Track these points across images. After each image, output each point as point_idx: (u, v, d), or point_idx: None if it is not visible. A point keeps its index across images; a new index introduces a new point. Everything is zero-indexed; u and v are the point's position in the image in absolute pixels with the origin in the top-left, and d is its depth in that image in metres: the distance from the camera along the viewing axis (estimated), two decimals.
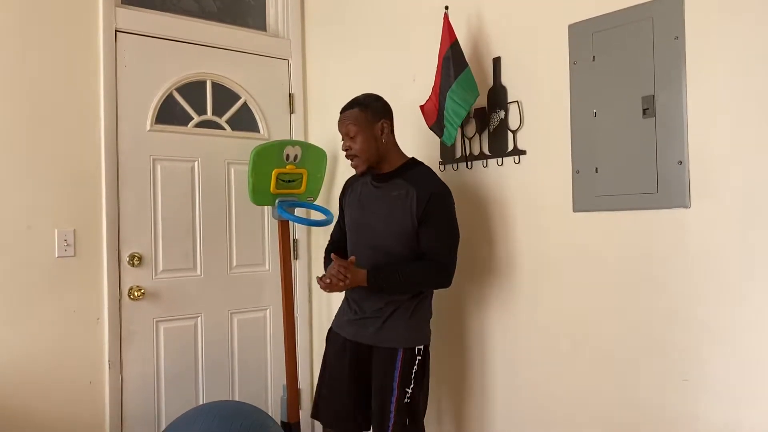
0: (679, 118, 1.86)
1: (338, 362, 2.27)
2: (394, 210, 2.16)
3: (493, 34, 2.39)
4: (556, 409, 2.21)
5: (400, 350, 2.15)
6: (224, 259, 3.05)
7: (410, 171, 2.21)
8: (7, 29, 2.48)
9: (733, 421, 1.77)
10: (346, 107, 2.23)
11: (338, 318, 2.35)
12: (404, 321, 2.17)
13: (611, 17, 2.01)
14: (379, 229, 2.19)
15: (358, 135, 2.17)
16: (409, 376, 2.14)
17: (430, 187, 2.14)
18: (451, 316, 2.55)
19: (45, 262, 2.54)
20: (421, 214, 2.11)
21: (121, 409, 2.72)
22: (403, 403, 2.13)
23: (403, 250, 2.15)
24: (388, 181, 2.21)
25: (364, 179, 2.31)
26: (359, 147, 2.18)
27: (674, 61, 1.87)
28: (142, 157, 2.81)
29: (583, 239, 2.12)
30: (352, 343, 2.24)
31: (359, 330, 2.22)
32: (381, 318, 2.17)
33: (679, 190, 1.86)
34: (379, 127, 2.19)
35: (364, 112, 2.19)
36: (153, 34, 2.85)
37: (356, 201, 2.30)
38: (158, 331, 2.84)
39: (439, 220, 2.13)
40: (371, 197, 2.25)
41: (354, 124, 2.18)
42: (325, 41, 3.23)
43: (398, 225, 2.14)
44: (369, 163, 2.20)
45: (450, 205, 2.18)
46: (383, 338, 2.17)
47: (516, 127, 2.31)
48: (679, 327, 1.88)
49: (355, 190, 2.34)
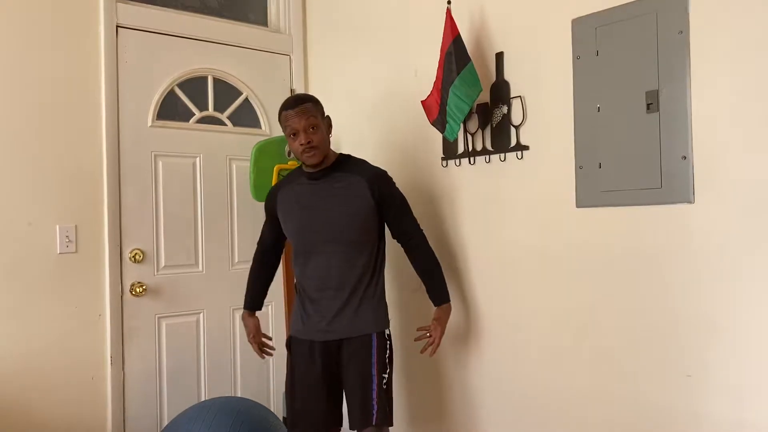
0: (683, 113, 1.85)
1: (309, 369, 2.22)
2: (346, 199, 2.19)
3: (496, 29, 2.38)
4: (557, 406, 2.21)
5: (374, 336, 2.18)
6: (226, 255, 3.04)
7: (346, 163, 2.27)
8: (9, 26, 2.48)
9: (736, 417, 1.77)
10: (300, 101, 2.18)
11: (297, 324, 2.29)
12: (372, 308, 2.22)
13: (615, 11, 2.00)
14: (334, 221, 2.18)
15: (318, 127, 2.17)
16: (384, 360, 2.18)
17: (373, 170, 2.26)
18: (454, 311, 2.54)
19: (46, 259, 2.54)
20: (377, 197, 2.20)
21: (123, 406, 2.72)
22: (382, 389, 2.15)
23: (362, 236, 2.20)
24: (328, 175, 2.23)
25: (293, 184, 2.30)
26: (319, 138, 2.17)
27: (678, 55, 1.86)
28: (143, 153, 2.80)
29: (586, 235, 2.11)
30: (320, 344, 2.21)
31: (326, 328, 2.20)
32: (350, 309, 2.19)
33: (683, 185, 1.85)
34: (327, 122, 2.24)
35: (317, 107, 2.22)
36: (154, 29, 2.84)
37: (294, 204, 2.27)
38: (160, 327, 2.84)
39: (395, 198, 2.26)
40: (315, 195, 2.23)
41: (315, 116, 2.18)
42: (326, 36, 3.22)
43: (353, 213, 2.18)
44: (324, 154, 2.20)
45: (395, 185, 2.30)
46: (356, 327, 2.19)
47: (519, 122, 2.30)
48: (683, 323, 1.87)
49: (287, 195, 2.30)
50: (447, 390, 2.60)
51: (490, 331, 2.43)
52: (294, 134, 2.17)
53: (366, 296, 2.21)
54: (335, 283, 2.19)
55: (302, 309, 2.27)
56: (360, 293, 2.20)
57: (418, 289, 2.47)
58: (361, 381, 2.15)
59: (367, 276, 2.22)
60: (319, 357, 2.21)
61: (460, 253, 2.49)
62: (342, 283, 2.19)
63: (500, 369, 2.40)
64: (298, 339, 2.27)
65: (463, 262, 2.49)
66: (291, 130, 2.17)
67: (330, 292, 2.20)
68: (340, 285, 2.19)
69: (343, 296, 2.19)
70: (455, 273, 2.52)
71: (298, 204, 2.26)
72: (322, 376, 2.21)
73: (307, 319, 2.25)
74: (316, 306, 2.23)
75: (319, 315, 2.22)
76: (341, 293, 2.19)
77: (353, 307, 2.19)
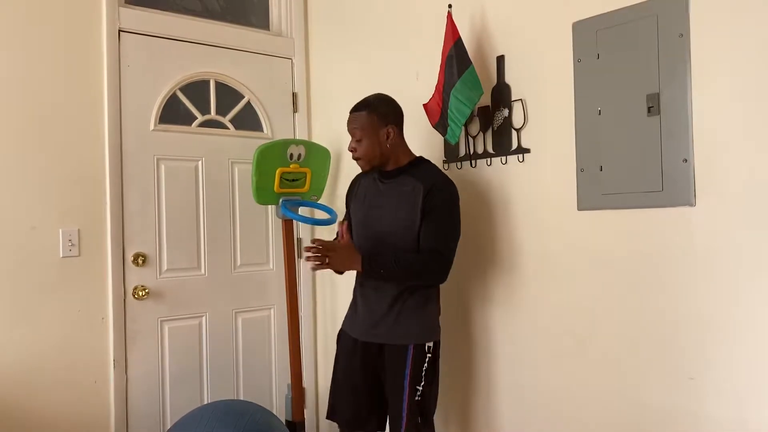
0: (684, 116, 1.85)
1: (349, 363, 2.28)
2: (401, 205, 2.18)
3: (497, 32, 2.38)
4: (561, 408, 2.21)
5: (410, 347, 2.16)
6: (228, 258, 3.05)
7: (417, 168, 2.24)
8: (11, 29, 2.49)
9: (739, 419, 1.76)
10: (355, 108, 2.25)
11: (348, 318, 2.35)
12: (415, 317, 2.19)
13: (615, 15, 2.00)
14: (385, 224, 2.20)
15: (363, 139, 2.20)
16: (419, 373, 2.15)
17: (433, 178, 2.18)
18: (456, 315, 2.54)
19: (49, 262, 2.54)
20: (424, 206, 2.13)
21: (125, 409, 2.72)
22: (414, 402, 2.13)
23: (407, 246, 2.16)
24: (396, 177, 2.24)
25: (371, 176, 2.32)
26: (363, 150, 2.21)
27: (679, 58, 1.86)
28: (146, 157, 2.81)
29: (587, 238, 2.11)
30: (363, 343, 2.24)
31: (369, 330, 2.22)
32: (392, 315, 2.18)
33: (684, 188, 1.85)
34: (384, 133, 2.20)
35: (371, 116, 2.20)
36: (156, 33, 2.85)
37: (362, 198, 2.32)
38: (163, 330, 2.84)
39: (440, 213, 2.15)
40: (378, 194, 2.27)
41: (360, 129, 2.20)
42: (328, 40, 3.23)
43: (404, 220, 2.16)
44: (372, 165, 2.24)
45: (451, 199, 2.19)
46: (395, 335, 2.18)
47: (520, 125, 2.31)
48: (685, 325, 1.87)
49: (362, 187, 2.35)
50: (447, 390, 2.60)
51: (490, 335, 2.43)
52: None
53: (408, 305, 2.18)
54: (380, 284, 2.19)
55: (354, 304, 2.32)
56: (402, 300, 2.18)
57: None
58: (394, 391, 2.16)
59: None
60: (360, 353, 2.24)
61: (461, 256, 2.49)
62: (386, 288, 2.18)
63: (504, 372, 2.40)
64: (345, 332, 2.33)
65: (464, 265, 2.49)
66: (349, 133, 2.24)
67: (376, 294, 2.21)
68: (385, 288, 2.18)
69: (387, 300, 2.18)
70: (456, 277, 2.51)
71: (366, 198, 2.30)
72: (361, 372, 2.24)
73: (355, 316, 2.29)
74: (365, 303, 2.25)
75: (366, 314, 2.24)
76: (386, 297, 2.19)
77: (395, 313, 2.18)
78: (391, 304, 2.18)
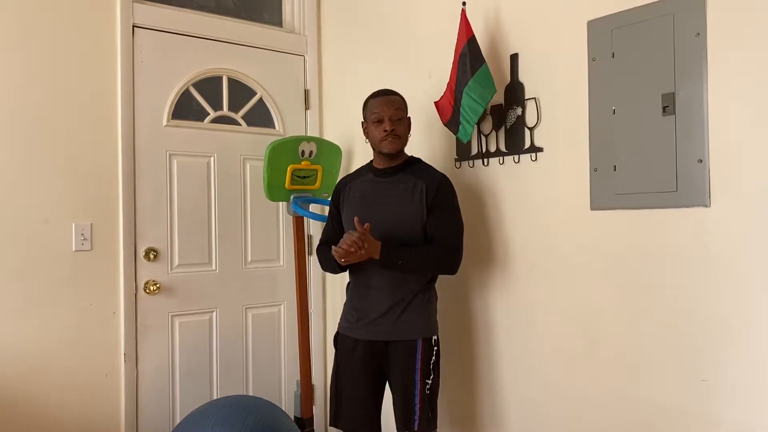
0: (699, 116, 1.83)
1: (349, 366, 2.26)
2: (404, 201, 2.20)
3: (511, 30, 2.37)
4: (572, 409, 2.20)
5: (419, 342, 2.17)
6: (239, 254, 3.06)
7: (413, 166, 2.29)
8: (26, 25, 2.50)
9: (752, 422, 1.75)
10: (390, 92, 2.27)
11: (345, 320, 2.32)
12: (419, 313, 2.20)
13: (631, 13, 1.99)
14: (391, 221, 2.20)
15: (404, 119, 2.26)
16: (428, 367, 2.18)
17: (437, 177, 2.26)
18: (464, 314, 2.54)
19: (62, 256, 2.56)
20: (430, 203, 2.19)
21: (136, 403, 2.74)
22: (425, 395, 2.16)
23: (413, 241, 2.19)
24: (395, 175, 2.26)
25: (360, 179, 2.34)
26: (403, 130, 2.25)
27: (695, 58, 1.84)
28: (158, 152, 2.82)
29: (600, 238, 2.10)
30: (365, 342, 2.23)
31: (371, 329, 2.22)
32: (396, 312, 2.18)
33: (699, 188, 1.83)
34: (409, 121, 2.30)
35: (404, 104, 2.30)
36: (170, 29, 2.86)
37: (358, 199, 2.30)
38: (173, 325, 2.86)
39: (447, 207, 2.22)
40: (377, 192, 2.27)
41: (403, 110, 2.26)
42: (340, 37, 3.22)
43: (410, 215, 2.19)
44: (402, 146, 2.27)
45: (455, 194, 2.28)
46: (401, 331, 2.18)
47: (533, 124, 2.30)
48: (698, 327, 1.86)
49: (353, 189, 2.33)
50: (446, 391, 2.60)
51: (502, 334, 2.42)
52: (379, 121, 2.22)
53: (414, 300, 2.20)
54: (383, 283, 2.19)
55: (351, 305, 2.30)
56: (408, 296, 2.19)
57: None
58: (405, 387, 2.17)
59: (416, 279, 2.21)
60: (360, 353, 2.23)
61: (473, 254, 2.49)
62: (389, 283, 2.19)
63: (513, 372, 2.39)
64: (342, 334, 2.31)
65: (476, 263, 2.49)
66: (376, 116, 2.22)
67: (377, 292, 2.21)
68: (388, 285, 2.19)
69: (390, 296, 2.19)
70: (468, 274, 2.51)
71: (362, 200, 2.29)
72: (363, 374, 2.23)
73: (354, 316, 2.27)
74: (364, 303, 2.24)
75: (366, 312, 2.23)
76: (389, 293, 2.19)
77: (399, 309, 2.19)
78: (393, 302, 2.18)
